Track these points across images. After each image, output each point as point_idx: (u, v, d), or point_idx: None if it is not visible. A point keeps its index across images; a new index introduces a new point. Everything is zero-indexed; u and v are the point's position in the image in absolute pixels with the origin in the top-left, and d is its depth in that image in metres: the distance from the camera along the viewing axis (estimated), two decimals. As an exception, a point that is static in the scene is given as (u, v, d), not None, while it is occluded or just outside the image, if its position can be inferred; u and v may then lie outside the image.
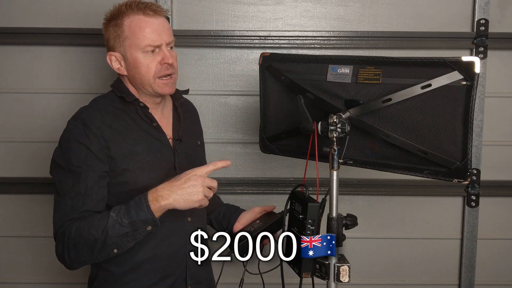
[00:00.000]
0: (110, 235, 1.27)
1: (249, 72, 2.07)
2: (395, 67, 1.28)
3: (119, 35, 1.41)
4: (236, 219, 1.63)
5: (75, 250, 1.31)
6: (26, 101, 2.06)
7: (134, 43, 1.39)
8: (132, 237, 1.29)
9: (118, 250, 1.30)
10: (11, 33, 2.01)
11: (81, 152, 1.36)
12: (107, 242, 1.27)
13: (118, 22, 1.41)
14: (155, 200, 1.28)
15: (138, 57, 1.40)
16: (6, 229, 2.13)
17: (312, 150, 1.33)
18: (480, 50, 2.01)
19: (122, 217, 1.27)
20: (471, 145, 1.20)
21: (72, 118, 1.43)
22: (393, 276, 2.18)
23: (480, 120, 2.03)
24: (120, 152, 1.40)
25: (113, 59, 1.44)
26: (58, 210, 1.37)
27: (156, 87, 1.43)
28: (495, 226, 2.14)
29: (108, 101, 1.48)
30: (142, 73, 1.42)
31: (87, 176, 1.35)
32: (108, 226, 1.27)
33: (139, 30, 1.39)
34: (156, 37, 1.40)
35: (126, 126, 1.44)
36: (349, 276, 1.29)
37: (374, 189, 2.09)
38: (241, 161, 2.11)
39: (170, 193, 1.28)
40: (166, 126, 1.52)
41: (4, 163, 2.09)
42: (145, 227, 1.29)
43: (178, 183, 1.29)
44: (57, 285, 2.16)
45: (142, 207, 1.27)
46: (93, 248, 1.29)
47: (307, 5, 2.05)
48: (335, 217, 1.28)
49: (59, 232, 1.34)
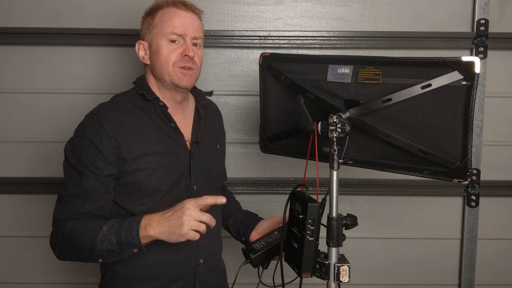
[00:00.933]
0: (97, 248, 1.29)
1: (249, 72, 2.07)
2: (395, 67, 1.28)
3: (150, 24, 1.46)
4: (254, 227, 1.60)
5: (65, 248, 1.35)
6: (26, 101, 2.06)
7: (160, 30, 1.43)
8: (118, 255, 1.31)
9: (103, 260, 1.33)
10: (11, 33, 2.01)
11: (90, 152, 1.36)
12: (93, 252, 1.30)
13: (153, 13, 1.47)
14: (144, 228, 1.27)
15: (161, 45, 1.43)
16: (6, 229, 2.13)
17: (312, 150, 1.32)
18: (480, 50, 2.02)
19: (112, 235, 1.28)
20: (471, 145, 1.20)
21: (89, 113, 1.43)
22: (393, 276, 2.18)
23: (480, 120, 2.03)
24: (133, 152, 1.38)
25: (140, 47, 1.48)
26: (59, 203, 1.39)
27: (174, 76, 1.43)
28: (495, 226, 2.14)
29: (128, 98, 1.47)
30: (161, 61, 1.43)
31: (89, 180, 1.35)
32: (97, 239, 1.29)
33: (167, 19, 1.43)
34: (182, 27, 1.43)
35: (143, 125, 1.43)
36: (349, 276, 1.29)
37: (374, 189, 2.09)
38: (241, 161, 2.11)
39: (158, 225, 1.27)
40: (185, 127, 1.50)
41: (4, 163, 2.09)
42: (131, 250, 1.30)
43: (167, 215, 1.27)
44: (57, 285, 2.16)
45: (132, 232, 1.27)
46: (81, 253, 1.33)
47: (307, 5, 2.05)
48: (335, 217, 1.28)
49: (56, 225, 1.37)
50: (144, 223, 1.28)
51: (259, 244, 1.50)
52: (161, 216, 1.28)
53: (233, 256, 1.93)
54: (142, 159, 1.39)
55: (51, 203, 2.10)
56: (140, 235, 1.27)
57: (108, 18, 2.03)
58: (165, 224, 1.26)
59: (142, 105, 1.46)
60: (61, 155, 1.43)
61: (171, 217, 1.26)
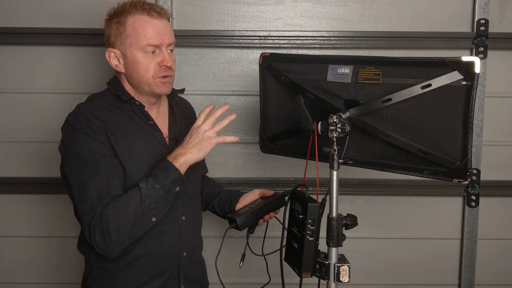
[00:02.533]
0: (147, 204, 1.31)
1: (249, 72, 2.07)
2: (395, 67, 1.28)
3: (121, 33, 1.42)
4: (238, 201, 1.63)
5: (116, 231, 1.30)
6: (26, 101, 2.06)
7: (135, 42, 1.40)
8: (166, 201, 1.34)
9: (155, 217, 1.34)
10: (11, 33, 2.01)
11: (90, 143, 1.36)
12: (146, 211, 1.32)
13: (121, 20, 1.41)
14: (175, 159, 1.35)
15: (137, 57, 1.41)
16: (6, 229, 2.13)
17: (312, 150, 1.33)
18: (480, 50, 2.01)
19: (153, 184, 1.32)
20: (471, 145, 1.20)
21: (71, 114, 1.42)
22: (393, 276, 2.18)
23: (480, 120, 2.03)
24: (119, 148, 1.40)
25: (111, 56, 1.45)
26: (84, 201, 1.33)
27: (155, 86, 1.44)
28: (495, 226, 2.14)
29: (104, 99, 1.48)
30: (141, 73, 1.42)
31: (102, 163, 1.35)
32: (143, 195, 1.31)
33: (141, 30, 1.39)
34: (158, 37, 1.40)
35: (123, 123, 1.44)
36: (349, 276, 1.29)
37: (374, 189, 2.09)
38: (241, 161, 2.11)
39: (184, 151, 1.36)
40: (162, 125, 1.52)
41: (4, 163, 2.09)
42: (174, 188, 1.35)
43: (185, 142, 1.39)
44: (57, 285, 2.16)
45: (169, 169, 1.33)
46: (134, 222, 1.31)
47: (307, 5, 2.05)
48: (335, 217, 1.29)
49: (93, 221, 1.31)
50: (171, 158, 1.36)
51: (243, 210, 1.55)
52: (182, 146, 1.38)
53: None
54: (127, 155, 1.40)
55: (51, 203, 2.12)
56: (177, 166, 1.34)
57: (108, 18, 2.02)
58: (191, 149, 1.37)
59: (119, 105, 1.47)
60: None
61: (192, 141, 1.38)
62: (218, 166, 2.09)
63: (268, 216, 1.59)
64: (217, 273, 1.48)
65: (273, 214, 1.60)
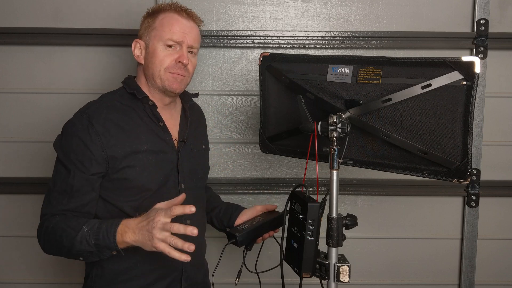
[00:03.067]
0: (76, 247, 1.31)
1: (249, 72, 2.07)
2: (395, 67, 1.28)
3: (149, 25, 1.49)
4: (237, 216, 1.63)
5: (49, 243, 1.38)
6: (26, 101, 2.06)
7: (159, 34, 1.46)
8: (97, 256, 1.33)
9: (83, 259, 1.35)
10: (11, 33, 2.01)
11: (79, 150, 1.37)
12: (73, 251, 1.32)
13: (154, 15, 1.50)
14: (121, 234, 1.27)
15: (157, 48, 1.46)
16: (6, 229, 2.13)
17: (312, 150, 1.33)
18: (480, 50, 2.02)
19: (91, 236, 1.29)
20: (471, 145, 1.20)
21: (78, 111, 1.44)
22: (393, 276, 2.18)
23: (480, 120, 2.03)
24: (123, 150, 1.40)
25: (136, 46, 1.50)
26: (47, 198, 1.42)
27: (165, 80, 1.46)
28: (495, 226, 2.14)
29: (117, 97, 1.49)
30: (155, 63, 1.45)
31: (75, 177, 1.37)
32: (76, 239, 1.30)
33: (167, 24, 1.46)
34: (180, 34, 1.46)
35: (132, 123, 1.44)
36: (349, 276, 1.29)
37: (374, 189, 2.09)
38: (241, 161, 2.11)
39: (133, 233, 1.26)
40: (172, 127, 1.53)
41: (4, 163, 2.09)
42: (109, 252, 1.31)
43: (140, 224, 1.25)
44: (57, 285, 2.16)
45: (109, 236, 1.27)
46: (61, 250, 1.35)
47: (307, 5, 2.05)
48: (335, 217, 1.28)
49: (42, 220, 1.41)
50: (121, 228, 1.28)
51: (243, 226, 1.54)
52: (136, 225, 1.26)
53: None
54: (132, 157, 1.41)
55: (51, 203, 2.11)
56: (117, 240, 1.27)
57: (108, 18, 2.03)
58: (139, 233, 1.25)
59: (131, 104, 1.48)
60: (61, 155, 1.42)
61: (143, 228, 1.24)
62: (218, 166, 2.09)
63: (267, 235, 1.59)
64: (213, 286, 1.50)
65: (272, 232, 1.60)
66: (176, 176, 1.49)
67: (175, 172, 1.48)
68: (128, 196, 1.41)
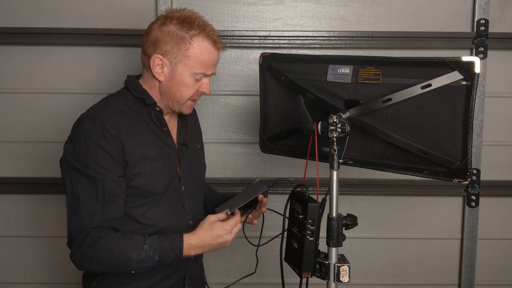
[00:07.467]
0: (136, 265, 1.32)
1: (249, 72, 2.07)
2: (395, 67, 1.28)
3: (180, 49, 1.39)
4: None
5: (96, 264, 1.32)
6: (26, 101, 2.06)
7: (192, 65, 1.40)
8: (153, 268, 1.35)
9: (135, 272, 1.35)
10: (11, 33, 2.01)
11: (99, 156, 1.33)
12: (132, 267, 1.32)
13: (186, 37, 1.38)
14: (188, 249, 1.35)
15: (186, 78, 1.41)
16: (6, 229, 2.13)
17: (312, 150, 1.33)
18: (480, 50, 2.01)
19: (155, 254, 1.32)
20: (471, 145, 1.20)
21: (89, 118, 1.37)
22: (393, 276, 2.18)
23: (480, 120, 2.03)
24: (134, 156, 1.38)
25: (157, 63, 1.40)
26: (75, 215, 1.33)
27: (184, 107, 1.47)
28: (495, 226, 2.14)
29: (122, 100, 1.44)
30: (181, 92, 1.43)
31: (105, 182, 1.32)
32: (139, 259, 1.31)
33: (204, 60, 1.40)
34: (212, 68, 1.45)
35: (140, 128, 1.42)
36: (349, 276, 1.29)
37: (374, 189, 2.09)
38: (241, 161, 2.11)
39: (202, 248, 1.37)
40: (171, 130, 1.52)
41: (4, 163, 2.09)
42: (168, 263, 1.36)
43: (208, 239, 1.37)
44: (57, 285, 2.16)
45: (176, 252, 1.33)
46: (117, 268, 1.33)
47: (307, 5, 2.05)
48: (335, 217, 1.29)
49: (78, 239, 1.31)
50: (186, 245, 1.34)
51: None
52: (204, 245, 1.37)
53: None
54: (142, 163, 1.39)
55: (51, 203, 2.12)
56: (184, 254, 1.34)
57: (108, 18, 2.02)
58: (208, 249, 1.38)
59: (137, 108, 1.44)
60: (60, 155, 1.39)
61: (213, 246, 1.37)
62: (218, 166, 2.09)
63: (258, 213, 1.55)
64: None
65: (264, 208, 1.55)
66: (177, 179, 1.48)
67: (176, 175, 1.48)
68: (134, 202, 1.39)
